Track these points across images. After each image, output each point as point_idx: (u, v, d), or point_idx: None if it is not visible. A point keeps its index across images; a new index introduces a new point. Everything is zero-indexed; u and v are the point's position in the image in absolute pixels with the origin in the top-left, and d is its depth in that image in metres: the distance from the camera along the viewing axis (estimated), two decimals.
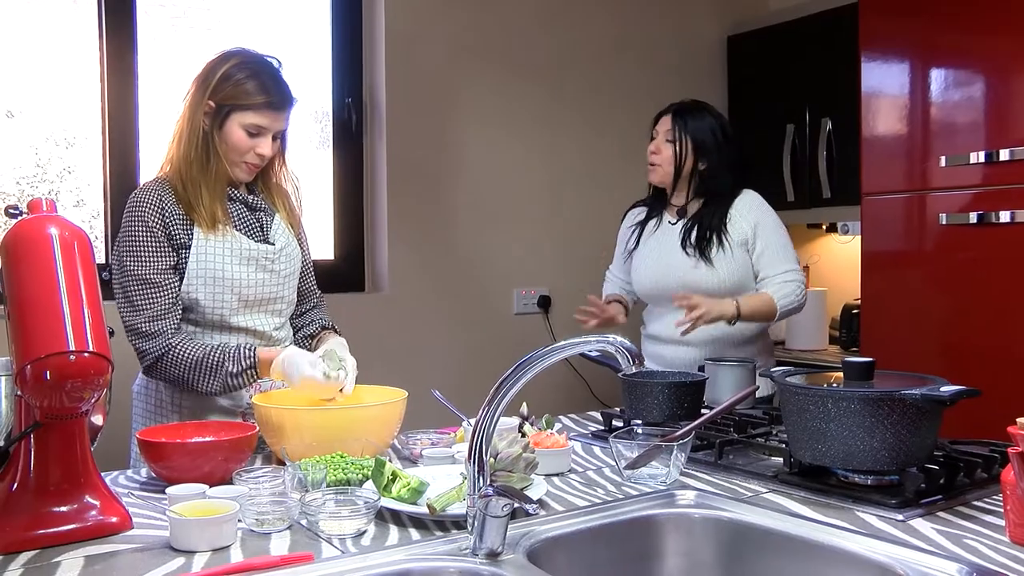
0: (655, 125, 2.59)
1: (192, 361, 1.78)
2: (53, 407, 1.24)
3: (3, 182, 2.63)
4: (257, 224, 1.93)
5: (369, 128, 3.20)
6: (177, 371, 1.79)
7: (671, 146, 2.52)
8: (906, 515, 1.33)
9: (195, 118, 1.84)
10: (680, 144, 2.50)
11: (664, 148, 2.53)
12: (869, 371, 1.47)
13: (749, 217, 2.50)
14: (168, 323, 1.80)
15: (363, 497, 1.32)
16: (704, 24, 3.89)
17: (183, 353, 1.78)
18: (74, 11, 2.70)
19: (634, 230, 2.68)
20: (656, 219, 2.63)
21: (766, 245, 2.48)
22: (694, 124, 2.51)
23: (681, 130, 2.51)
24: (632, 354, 1.18)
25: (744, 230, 2.49)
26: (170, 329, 1.80)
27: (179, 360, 1.78)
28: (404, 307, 3.19)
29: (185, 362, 1.78)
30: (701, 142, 2.51)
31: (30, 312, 1.24)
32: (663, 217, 2.62)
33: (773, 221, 2.52)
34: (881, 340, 2.78)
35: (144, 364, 1.82)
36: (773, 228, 2.51)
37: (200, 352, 1.78)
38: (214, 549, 1.21)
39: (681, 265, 2.50)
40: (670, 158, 2.52)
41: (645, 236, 2.64)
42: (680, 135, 2.51)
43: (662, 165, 2.54)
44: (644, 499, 1.44)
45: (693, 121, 2.52)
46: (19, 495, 1.25)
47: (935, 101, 2.65)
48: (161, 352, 1.78)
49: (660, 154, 2.54)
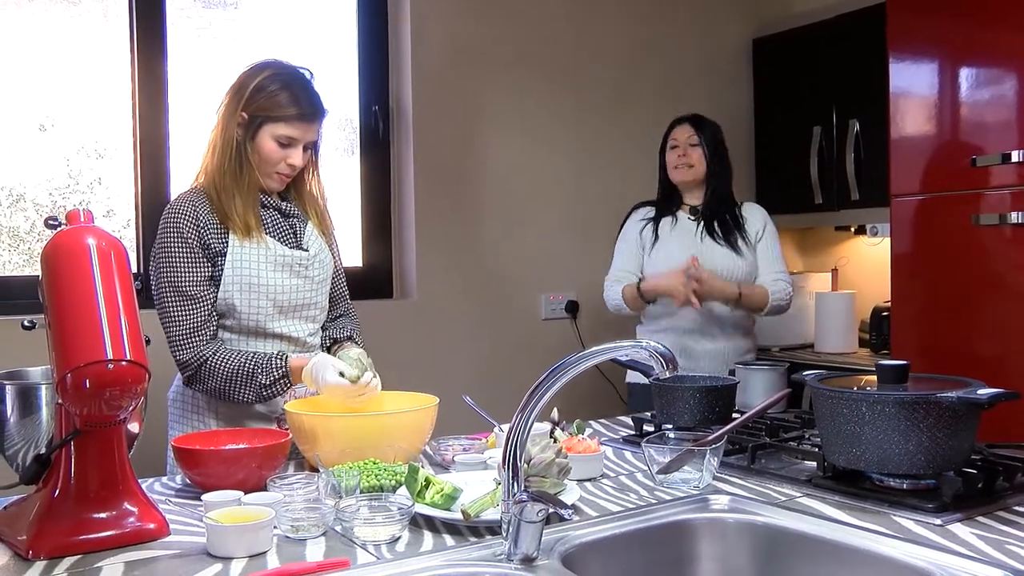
0: (670, 133, 2.87)
1: (227, 373, 1.80)
2: (92, 415, 1.25)
3: (36, 193, 2.67)
4: (291, 231, 1.94)
5: (396, 135, 3.22)
6: (214, 383, 1.82)
7: (698, 149, 2.80)
8: (944, 520, 1.32)
9: (228, 129, 1.86)
10: (705, 148, 2.80)
11: (692, 151, 2.80)
12: (904, 374, 1.46)
13: (759, 221, 2.84)
14: (203, 336, 1.82)
15: (397, 503, 1.32)
16: (729, 27, 3.87)
17: (218, 365, 1.81)
18: (104, 26, 2.74)
19: (647, 225, 2.87)
20: (671, 217, 2.86)
21: (768, 248, 2.81)
22: (710, 131, 2.83)
23: (703, 135, 2.81)
24: (666, 359, 1.17)
25: (756, 231, 2.82)
26: (203, 341, 1.82)
27: (215, 372, 1.81)
28: (432, 313, 3.20)
29: (220, 374, 1.81)
30: (715, 149, 2.81)
31: (69, 321, 1.26)
32: (678, 215, 2.86)
33: (774, 230, 2.87)
34: (912, 343, 2.75)
35: (184, 376, 1.86)
36: (774, 236, 2.86)
37: (234, 363, 1.81)
38: (251, 555, 1.22)
39: (712, 253, 2.75)
40: (701, 158, 2.80)
41: (663, 231, 2.84)
42: (703, 140, 2.80)
43: (695, 165, 2.80)
44: (677, 503, 1.44)
45: (709, 128, 2.83)
46: (61, 501, 1.26)
47: (965, 100, 2.62)
48: (198, 364, 1.81)
49: (690, 156, 2.80)
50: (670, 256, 2.77)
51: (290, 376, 1.81)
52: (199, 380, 1.83)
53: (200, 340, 1.82)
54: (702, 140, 2.79)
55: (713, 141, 2.81)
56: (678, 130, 2.85)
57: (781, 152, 3.79)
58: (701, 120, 2.84)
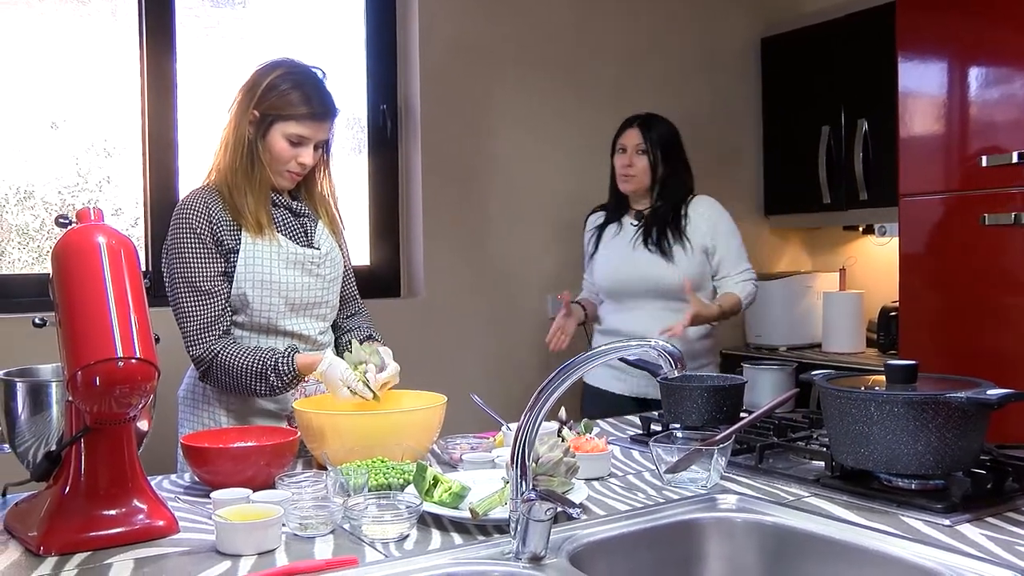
0: (619, 138, 2.77)
1: (238, 371, 1.81)
2: (102, 412, 1.26)
3: (45, 191, 2.68)
4: (301, 229, 1.95)
5: (404, 134, 3.22)
6: (226, 378, 1.83)
7: (644, 157, 2.71)
8: (953, 520, 1.31)
9: (240, 127, 1.87)
10: (651, 155, 2.71)
11: (637, 160, 2.72)
12: (913, 374, 1.46)
13: (708, 221, 2.70)
14: (216, 331, 1.83)
15: (405, 501, 1.32)
16: (738, 26, 3.87)
17: (230, 362, 1.81)
18: (113, 25, 2.75)
19: (594, 233, 2.86)
20: (616, 223, 2.81)
21: (727, 248, 2.71)
22: (659, 133, 2.73)
23: (650, 140, 2.71)
24: (675, 358, 1.17)
25: (704, 233, 2.69)
26: (215, 337, 1.83)
27: (227, 369, 1.81)
28: (440, 312, 3.20)
29: (232, 370, 1.81)
30: (667, 150, 2.72)
31: (80, 319, 1.26)
32: (623, 221, 2.80)
33: (729, 224, 2.73)
34: (920, 343, 2.74)
35: (199, 371, 1.86)
36: (731, 231, 2.72)
37: (245, 360, 1.81)
38: (260, 553, 1.23)
39: (643, 261, 2.68)
40: (646, 168, 2.71)
41: (605, 239, 2.82)
42: (650, 146, 2.71)
43: (638, 176, 2.72)
44: (685, 503, 1.44)
45: (657, 130, 2.73)
46: (71, 498, 1.27)
47: (975, 99, 2.61)
48: (211, 359, 1.82)
49: (635, 166, 2.72)
50: (606, 264, 2.77)
51: (299, 377, 1.82)
52: (211, 375, 1.84)
53: (212, 336, 1.83)
54: (649, 146, 2.70)
55: (664, 144, 2.72)
56: (626, 134, 2.76)
57: (789, 151, 3.78)
58: (650, 122, 2.75)
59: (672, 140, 2.75)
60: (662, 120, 2.77)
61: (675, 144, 2.75)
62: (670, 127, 2.76)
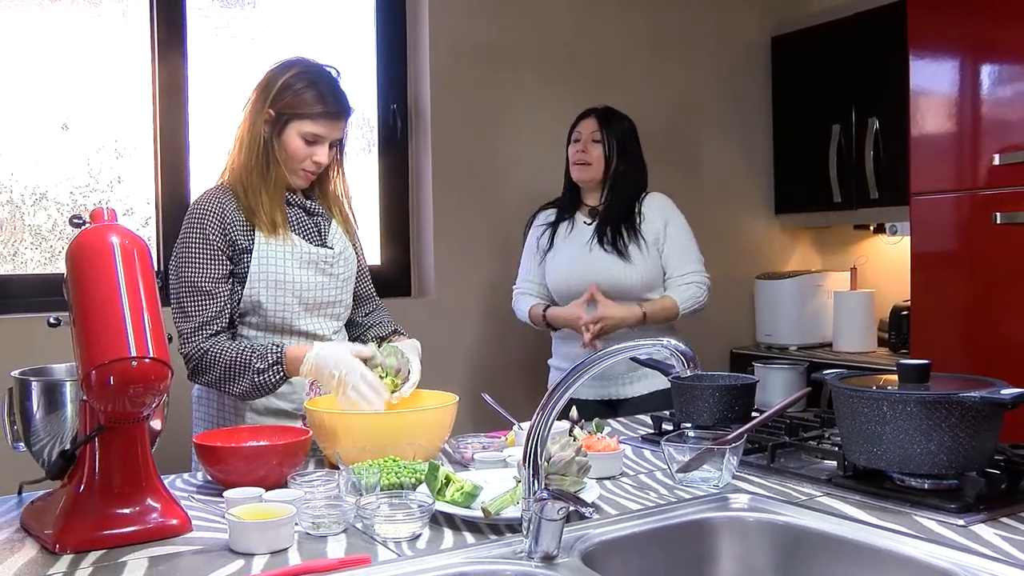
0: (575, 127, 2.72)
1: (223, 363, 1.78)
2: (116, 411, 1.27)
3: (58, 192, 2.69)
4: (315, 229, 1.96)
5: (414, 134, 3.22)
6: (212, 374, 1.80)
7: (599, 146, 2.65)
8: (967, 520, 1.31)
9: (255, 126, 1.88)
10: (607, 145, 2.65)
11: (592, 148, 2.66)
12: (925, 374, 1.45)
13: (661, 216, 2.64)
14: (208, 331, 1.81)
15: (417, 501, 1.33)
16: (747, 25, 3.86)
17: (215, 356, 1.79)
18: (123, 26, 2.76)
19: (546, 230, 2.76)
20: (568, 220, 2.73)
21: (673, 245, 2.62)
22: (615, 127, 2.67)
23: (606, 131, 2.65)
24: (687, 357, 1.17)
25: (657, 229, 2.63)
26: (205, 336, 1.80)
27: (212, 363, 1.79)
28: (450, 311, 3.20)
29: (218, 364, 1.78)
30: (622, 144, 2.66)
31: (94, 319, 1.27)
32: (576, 218, 2.72)
33: (681, 222, 2.67)
34: (932, 342, 2.73)
35: (188, 369, 1.83)
36: (681, 229, 2.65)
37: (229, 355, 1.78)
38: (272, 552, 1.23)
39: (599, 262, 2.60)
40: (600, 157, 2.65)
41: (559, 237, 2.72)
42: (606, 136, 2.65)
43: (593, 164, 2.66)
44: (697, 502, 1.44)
45: (615, 122, 2.68)
46: (86, 497, 1.28)
47: (987, 97, 2.60)
48: (198, 357, 1.80)
49: (590, 153, 2.66)
50: (560, 266, 2.67)
51: (283, 364, 1.77)
52: (199, 373, 1.82)
53: (203, 335, 1.80)
54: (605, 136, 2.64)
55: (621, 137, 2.66)
56: (583, 123, 2.70)
57: (800, 150, 3.78)
58: (609, 114, 2.69)
59: (628, 136, 2.69)
60: (620, 115, 2.72)
61: (631, 140, 2.69)
62: (628, 123, 2.71)
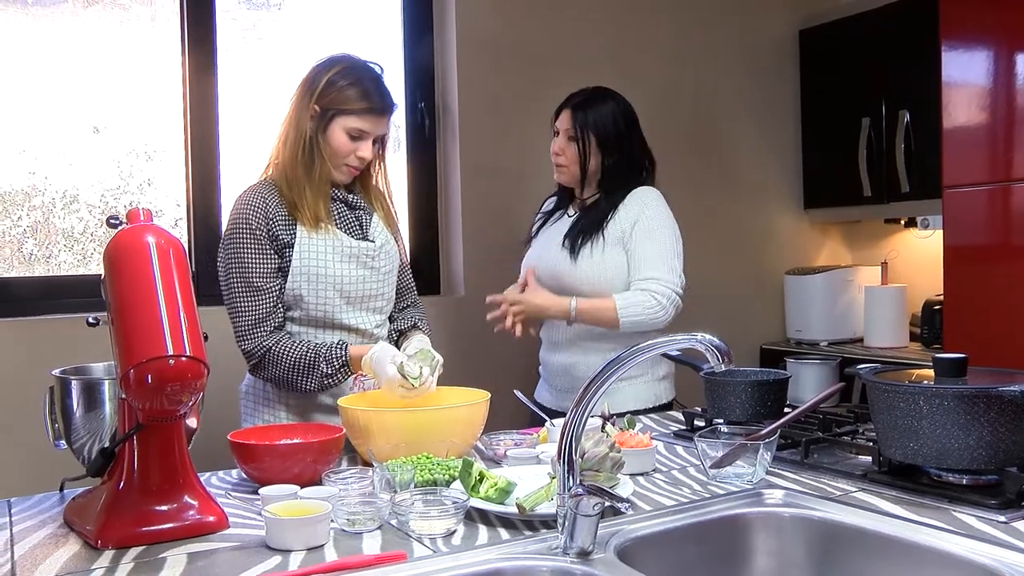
0: (555, 121, 2.43)
1: (289, 362, 1.84)
2: (154, 409, 1.28)
3: (89, 195, 2.73)
4: (357, 223, 1.98)
5: (442, 132, 3.23)
6: (277, 371, 1.86)
7: (574, 144, 2.36)
8: (1009, 516, 1.29)
9: (300, 121, 1.91)
10: (583, 142, 2.34)
11: (567, 147, 2.37)
12: (962, 368, 1.44)
13: (631, 215, 2.32)
14: (267, 326, 1.86)
15: (451, 497, 1.33)
16: (775, 19, 3.83)
17: (280, 354, 1.85)
18: (153, 30, 2.79)
19: (540, 219, 2.57)
20: (561, 211, 2.51)
21: (636, 247, 2.30)
22: (595, 116, 2.34)
23: (582, 126, 2.34)
24: (721, 352, 1.17)
25: (623, 228, 2.31)
26: (266, 332, 1.86)
27: (277, 361, 1.85)
28: (479, 309, 3.19)
29: (283, 363, 1.85)
30: (604, 136, 2.35)
31: (131, 318, 1.29)
32: (568, 211, 2.49)
33: (655, 222, 2.31)
34: (965, 337, 2.70)
35: (249, 365, 1.90)
36: (650, 230, 2.30)
37: (295, 353, 1.84)
38: (309, 548, 1.24)
39: (552, 259, 2.38)
40: (575, 157, 2.36)
41: (545, 227, 2.53)
42: (581, 132, 2.34)
43: (568, 166, 2.38)
44: (731, 498, 1.43)
45: (593, 113, 2.35)
46: (125, 494, 1.29)
47: (1021, 88, 2.57)
48: (261, 354, 1.85)
49: (564, 154, 2.38)
50: (530, 257, 2.50)
51: (350, 365, 1.85)
52: (262, 369, 1.88)
53: (263, 331, 1.86)
54: (582, 131, 2.34)
55: (601, 130, 2.34)
56: (560, 118, 2.41)
57: (829, 144, 3.74)
58: (587, 104, 2.37)
59: (613, 125, 2.35)
60: (605, 97, 2.39)
61: (619, 129, 2.36)
62: (614, 108, 2.37)
